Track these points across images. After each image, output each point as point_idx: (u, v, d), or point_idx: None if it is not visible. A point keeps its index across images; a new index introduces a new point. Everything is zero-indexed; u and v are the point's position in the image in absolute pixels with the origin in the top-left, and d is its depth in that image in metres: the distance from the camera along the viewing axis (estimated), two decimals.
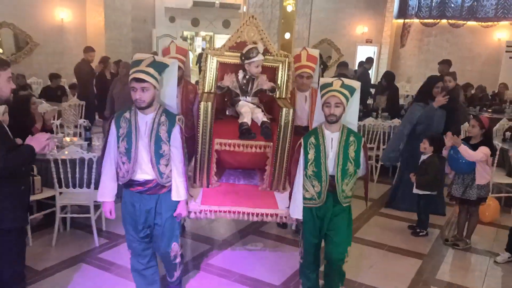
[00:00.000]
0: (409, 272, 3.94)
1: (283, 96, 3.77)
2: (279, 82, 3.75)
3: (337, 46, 13.08)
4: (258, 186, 3.70)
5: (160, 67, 2.74)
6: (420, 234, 4.69)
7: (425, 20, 12.95)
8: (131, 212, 2.88)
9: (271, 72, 3.72)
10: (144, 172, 2.80)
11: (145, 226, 2.92)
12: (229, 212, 3.21)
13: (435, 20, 12.79)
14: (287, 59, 3.72)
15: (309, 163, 2.87)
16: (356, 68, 10.51)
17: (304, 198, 2.92)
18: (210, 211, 3.20)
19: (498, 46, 12.10)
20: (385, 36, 13.36)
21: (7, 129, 2.58)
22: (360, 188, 3.16)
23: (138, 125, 2.74)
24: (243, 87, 3.54)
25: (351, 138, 2.86)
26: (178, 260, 3.09)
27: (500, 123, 6.65)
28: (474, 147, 4.14)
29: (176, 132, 2.75)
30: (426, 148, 4.56)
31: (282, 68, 3.73)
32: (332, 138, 2.86)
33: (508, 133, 6.07)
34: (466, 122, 5.88)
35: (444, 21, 12.63)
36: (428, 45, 13.08)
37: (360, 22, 13.47)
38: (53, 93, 7.82)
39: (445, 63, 8.27)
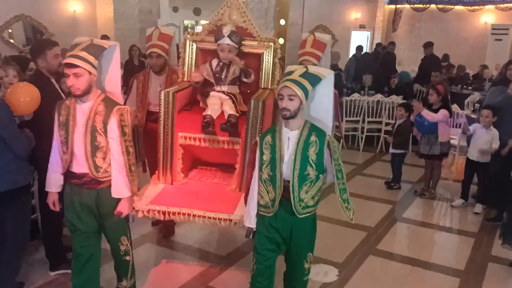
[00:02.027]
0: (382, 213, 4.94)
1: (269, 86, 3.37)
2: (263, 70, 3.38)
3: (332, 31, 13.95)
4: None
5: (97, 51, 2.55)
6: (394, 187, 5.67)
7: (415, 5, 13.79)
8: (71, 205, 2.71)
9: (256, 59, 3.37)
10: (79, 164, 2.62)
11: (86, 220, 2.72)
12: (179, 214, 2.90)
13: (424, 5, 13.63)
14: (272, 44, 3.33)
15: (264, 166, 2.47)
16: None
17: (259, 205, 2.54)
18: (159, 211, 2.92)
19: (484, 29, 12.95)
20: (378, 22, 14.22)
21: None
22: None
23: (76, 113, 2.58)
24: (217, 75, 3.25)
25: (312, 138, 2.41)
26: (129, 258, 2.92)
27: (471, 96, 7.60)
28: (436, 112, 5.11)
29: (113, 123, 2.55)
30: (402, 115, 5.53)
31: (267, 55, 3.35)
32: (289, 137, 2.44)
33: (477, 105, 7.01)
34: None
35: (433, 6, 13.47)
36: (419, 29, 13.93)
37: (353, 8, 14.33)
38: None
39: (430, 46, 9.19)
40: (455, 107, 6.50)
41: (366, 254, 4.03)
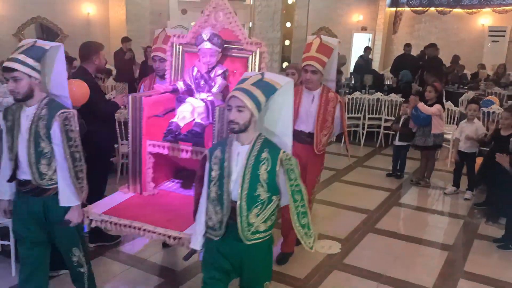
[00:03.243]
0: (381, 198, 5.48)
1: None
2: None
3: (334, 33, 14.48)
4: None
5: (37, 52, 2.45)
6: (399, 176, 6.20)
7: (415, 8, 14.33)
8: (19, 213, 2.65)
9: (243, 64, 3.20)
10: (23, 172, 2.53)
11: (33, 229, 2.63)
12: (129, 227, 2.76)
13: (424, 8, 14.16)
14: (258, 48, 3.11)
15: (212, 183, 2.23)
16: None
17: (207, 227, 2.30)
18: (110, 222, 2.81)
19: (482, 31, 13.48)
20: (379, 24, 14.75)
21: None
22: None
23: (20, 118, 2.51)
24: (196, 81, 3.10)
25: (264, 154, 2.15)
26: (84, 270, 2.79)
27: (465, 94, 8.14)
28: (430, 107, 5.65)
29: (56, 128, 2.45)
30: (408, 110, 6.04)
31: (252, 60, 3.14)
32: (238, 153, 2.20)
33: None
34: None
35: (432, 8, 13.99)
36: (418, 31, 14.46)
37: (355, 10, 14.87)
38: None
39: (433, 47, 9.69)
40: (449, 104, 7.04)
41: (366, 232, 4.56)
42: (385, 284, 3.62)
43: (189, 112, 2.98)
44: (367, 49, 10.82)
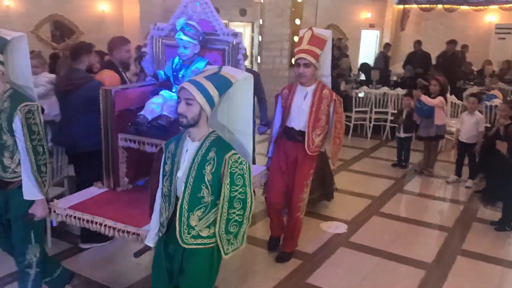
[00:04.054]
0: (385, 186, 5.80)
1: None
2: None
3: (343, 30, 14.77)
4: None
5: None
6: (404, 166, 6.51)
7: (423, 5, 14.58)
8: None
9: (221, 56, 3.12)
10: None
11: None
12: (91, 222, 2.73)
13: (431, 5, 14.41)
14: (234, 39, 3.01)
15: (165, 178, 2.16)
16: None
17: (159, 223, 2.22)
18: (75, 217, 2.78)
19: (488, 29, 13.70)
20: (387, 21, 15.04)
21: None
22: None
23: None
24: (175, 73, 3.01)
25: (211, 154, 2.04)
26: (31, 272, 2.68)
27: (469, 89, 8.43)
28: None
29: (18, 121, 2.42)
30: (409, 104, 6.33)
31: (228, 51, 3.04)
32: (187, 149, 2.11)
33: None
34: None
35: (439, 6, 14.24)
36: (426, 28, 14.71)
37: (363, 8, 15.15)
38: (81, 74, 9.75)
39: (453, 43, 10.03)
40: (452, 98, 7.34)
41: (370, 215, 4.90)
42: (386, 259, 3.95)
43: (159, 105, 2.89)
44: (387, 46, 11.26)
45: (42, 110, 2.57)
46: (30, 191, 2.52)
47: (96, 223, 2.72)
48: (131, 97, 3.09)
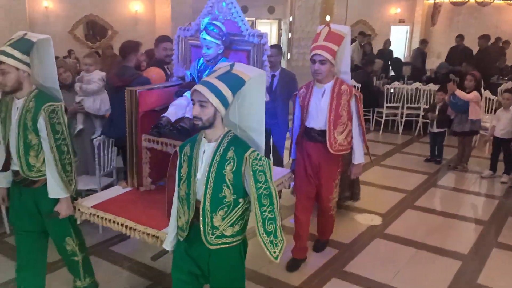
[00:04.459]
0: (419, 181, 5.87)
1: None
2: None
3: (372, 26, 14.73)
4: None
5: (24, 45, 2.47)
6: (438, 161, 6.54)
7: (455, 0, 14.38)
8: (13, 203, 2.75)
9: (246, 57, 3.13)
10: (14, 162, 2.60)
11: (26, 219, 2.71)
12: (113, 222, 2.77)
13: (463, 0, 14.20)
14: (260, 40, 3.01)
15: (181, 181, 2.16)
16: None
17: (177, 227, 2.23)
18: (97, 216, 2.83)
19: None
20: (417, 16, 14.92)
21: None
22: None
23: (11, 110, 2.57)
24: (199, 74, 3.02)
25: (230, 153, 2.04)
26: (77, 258, 2.82)
27: (503, 85, 8.36)
28: None
29: (42, 121, 2.48)
30: (442, 98, 6.35)
31: (253, 52, 3.06)
32: (204, 150, 2.10)
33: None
34: None
35: (472, 0, 14.02)
36: (457, 23, 14.52)
37: (393, 3, 15.07)
38: (130, 72, 10.10)
39: (485, 38, 10.00)
40: (487, 93, 7.31)
41: (405, 208, 4.99)
42: (422, 250, 4.05)
43: (183, 106, 2.89)
44: (424, 42, 11.26)
45: (66, 110, 2.61)
46: (55, 189, 2.57)
47: (117, 223, 2.75)
48: (156, 98, 3.12)
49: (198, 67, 3.06)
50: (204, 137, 2.10)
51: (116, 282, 3.46)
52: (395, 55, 11.68)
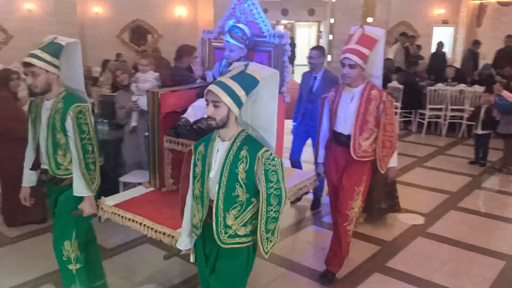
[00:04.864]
0: (462, 183, 5.86)
1: (279, 90, 2.90)
2: None
3: (414, 27, 14.57)
4: None
5: (54, 48, 2.58)
6: (482, 164, 6.49)
7: (501, 0, 14.01)
8: (48, 197, 2.89)
9: (267, 58, 3.14)
10: (43, 161, 2.73)
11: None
12: (132, 221, 2.83)
13: None
14: (281, 40, 3.00)
15: (196, 180, 2.18)
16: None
17: (192, 225, 2.25)
18: (118, 215, 2.90)
19: None
20: (462, 17, 14.61)
21: None
22: None
23: (41, 111, 2.68)
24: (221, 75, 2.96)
25: (243, 152, 2.06)
26: (73, 267, 2.77)
27: None
28: None
29: (69, 121, 2.58)
30: (491, 99, 6.29)
31: (274, 53, 3.05)
32: (218, 149, 2.12)
33: None
34: None
35: None
36: (504, 24, 14.11)
37: (437, 4, 14.84)
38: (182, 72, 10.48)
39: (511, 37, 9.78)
40: None
41: (448, 208, 5.01)
42: (465, 249, 4.09)
43: (202, 107, 2.87)
44: (476, 43, 11.09)
45: (93, 111, 2.71)
46: (79, 187, 2.66)
47: (136, 222, 2.82)
48: (178, 99, 3.14)
49: (220, 68, 3.10)
50: (218, 136, 2.14)
51: None
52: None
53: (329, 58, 10.82)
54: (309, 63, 4.57)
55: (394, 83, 8.38)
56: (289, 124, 4.55)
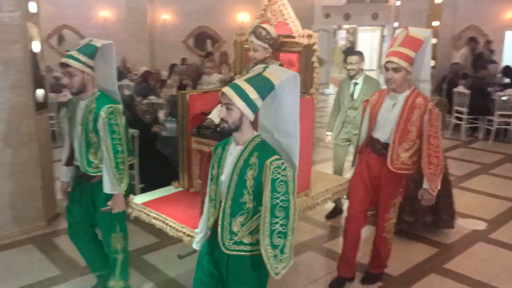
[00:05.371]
0: None
1: (307, 91, 3.06)
2: (300, 72, 3.06)
3: (484, 31, 14.03)
4: None
5: (90, 50, 2.69)
6: None
7: None
8: (73, 195, 3.00)
9: (296, 59, 3.14)
10: (76, 158, 2.86)
11: (82, 211, 2.97)
12: (156, 219, 2.93)
13: None
14: (308, 41, 2.97)
15: (212, 181, 2.17)
16: None
17: (207, 227, 2.23)
18: (145, 213, 3.01)
19: None
20: None
21: None
22: None
23: (77, 110, 2.81)
24: None
25: (253, 159, 2.01)
26: (119, 257, 3.01)
27: None
28: None
29: (101, 121, 2.68)
30: None
31: (303, 54, 3.04)
32: (231, 153, 2.10)
33: None
34: None
35: None
36: None
37: (509, 7, 14.21)
38: None
39: None
40: None
41: None
42: None
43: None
44: None
45: (124, 112, 2.81)
46: (109, 185, 2.77)
47: (160, 220, 2.92)
48: (207, 101, 3.19)
49: (250, 70, 3.28)
50: (234, 139, 2.11)
51: None
52: (507, 63, 11.08)
53: None
54: (349, 69, 4.36)
55: (460, 88, 8.20)
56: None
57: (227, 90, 1.98)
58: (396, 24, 10.34)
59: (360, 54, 4.47)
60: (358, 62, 4.32)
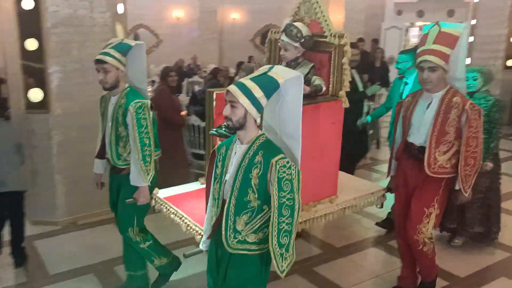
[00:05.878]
0: None
1: (337, 93, 3.03)
2: (332, 73, 3.02)
3: None
4: None
5: (123, 48, 2.86)
6: None
7: None
8: (110, 187, 3.16)
9: (327, 59, 3.06)
10: (107, 151, 3.02)
11: (114, 203, 3.14)
12: (175, 214, 3.02)
13: None
14: (339, 41, 2.90)
15: (215, 181, 2.19)
16: None
17: (211, 226, 2.25)
18: (166, 207, 3.11)
19: None
20: None
21: None
22: None
23: (108, 105, 2.96)
24: None
25: (258, 157, 2.03)
26: (145, 245, 3.08)
27: None
28: None
29: (129, 115, 2.78)
30: None
31: (334, 55, 2.96)
32: (235, 152, 2.12)
33: None
34: None
35: None
36: None
37: None
38: None
39: None
40: None
41: None
42: None
43: None
44: None
45: (151, 107, 2.90)
46: (136, 178, 2.86)
47: (178, 216, 3.01)
48: None
49: None
50: (238, 138, 2.12)
51: None
52: None
53: (468, 61, 10.31)
54: (398, 68, 4.21)
55: None
56: None
57: (232, 88, 2.01)
58: (473, 22, 9.91)
59: (406, 52, 4.17)
60: (404, 61, 4.13)
